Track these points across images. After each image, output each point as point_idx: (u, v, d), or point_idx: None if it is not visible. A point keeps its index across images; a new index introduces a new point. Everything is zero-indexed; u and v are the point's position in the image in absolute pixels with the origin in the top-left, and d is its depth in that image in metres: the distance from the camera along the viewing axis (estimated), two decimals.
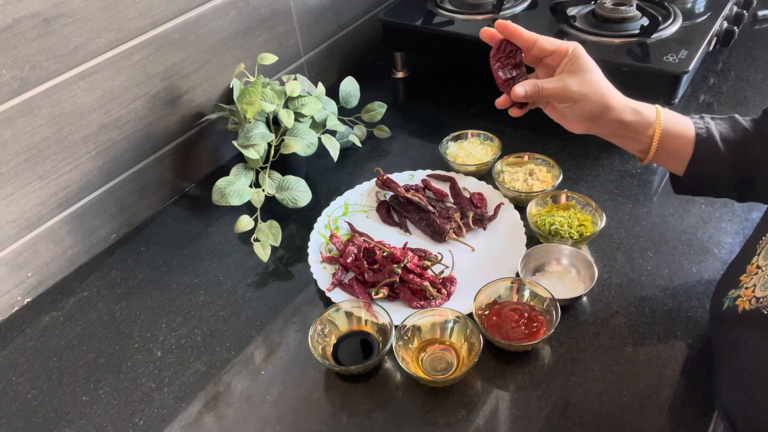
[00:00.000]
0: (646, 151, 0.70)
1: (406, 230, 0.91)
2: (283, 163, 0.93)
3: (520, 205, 0.90)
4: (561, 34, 1.05)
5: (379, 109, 1.09)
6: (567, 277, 0.80)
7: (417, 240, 0.89)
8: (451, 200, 0.94)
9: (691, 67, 0.93)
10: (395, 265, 0.79)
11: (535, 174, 0.92)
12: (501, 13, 1.13)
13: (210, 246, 0.93)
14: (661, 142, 0.69)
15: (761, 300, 0.57)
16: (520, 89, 0.68)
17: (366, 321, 0.76)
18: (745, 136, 0.68)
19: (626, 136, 0.70)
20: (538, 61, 0.71)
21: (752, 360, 0.58)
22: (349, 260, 0.83)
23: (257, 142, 0.88)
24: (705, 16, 1.05)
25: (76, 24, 0.79)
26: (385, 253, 0.81)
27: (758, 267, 0.60)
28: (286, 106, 0.94)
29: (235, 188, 0.88)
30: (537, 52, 0.70)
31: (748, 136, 0.67)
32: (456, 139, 1.02)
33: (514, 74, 0.72)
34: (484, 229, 0.89)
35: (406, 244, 0.85)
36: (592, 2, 1.09)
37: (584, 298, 0.78)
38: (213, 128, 1.05)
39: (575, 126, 0.71)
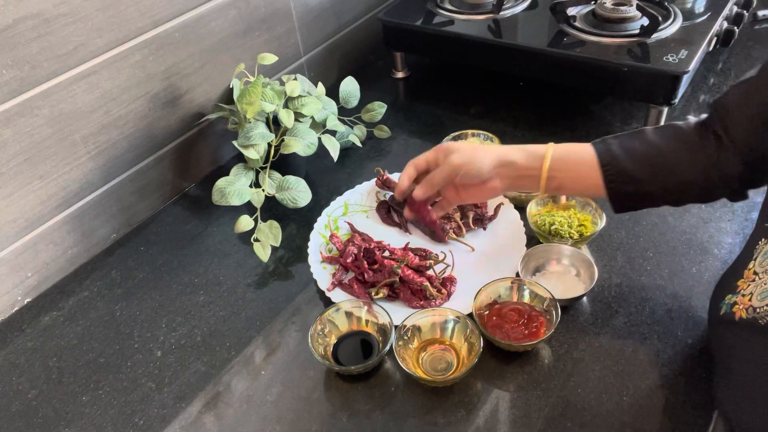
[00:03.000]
0: (542, 184, 0.72)
1: (406, 230, 0.91)
2: (283, 163, 0.93)
3: (520, 205, 0.90)
4: (561, 34, 1.05)
5: (379, 109, 1.09)
6: (567, 277, 0.80)
7: (417, 240, 0.89)
8: None
9: (691, 67, 0.93)
10: (395, 265, 0.79)
11: None
12: (501, 13, 1.13)
13: (210, 246, 0.93)
14: (560, 170, 0.70)
15: (758, 310, 0.57)
16: (418, 190, 0.76)
17: (366, 321, 0.76)
18: (658, 147, 0.67)
19: (527, 176, 0.73)
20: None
21: (749, 366, 0.57)
22: (349, 260, 0.83)
23: (257, 142, 0.88)
24: (705, 16, 1.05)
25: (76, 24, 0.79)
26: (385, 253, 0.81)
27: (755, 273, 0.60)
28: (286, 106, 0.94)
29: (235, 188, 0.88)
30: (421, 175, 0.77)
31: (661, 146, 0.67)
32: (456, 139, 1.02)
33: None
34: (484, 229, 0.89)
35: (407, 244, 0.85)
36: (592, 2, 1.09)
37: (584, 298, 0.78)
38: (213, 128, 1.05)
39: (489, 194, 0.76)
